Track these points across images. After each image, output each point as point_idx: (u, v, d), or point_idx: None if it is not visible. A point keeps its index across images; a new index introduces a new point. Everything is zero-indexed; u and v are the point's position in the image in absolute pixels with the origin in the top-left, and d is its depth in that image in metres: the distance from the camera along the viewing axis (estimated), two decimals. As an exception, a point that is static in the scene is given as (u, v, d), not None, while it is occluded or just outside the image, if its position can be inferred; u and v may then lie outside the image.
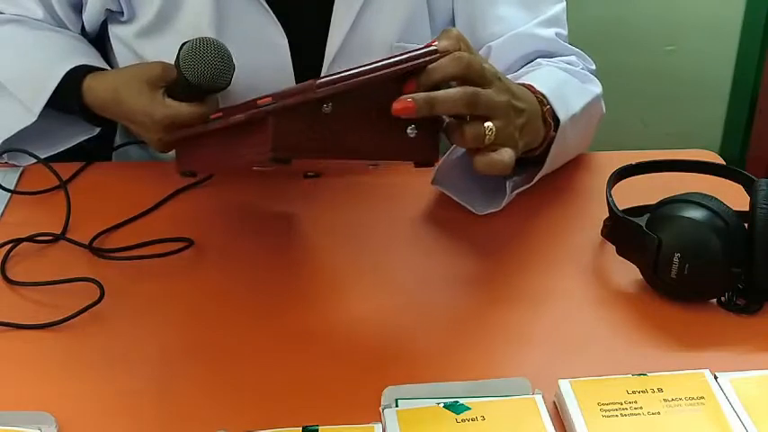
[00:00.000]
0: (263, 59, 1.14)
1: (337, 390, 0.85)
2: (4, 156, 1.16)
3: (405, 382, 0.83)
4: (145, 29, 1.16)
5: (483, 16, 1.18)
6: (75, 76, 1.13)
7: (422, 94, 0.85)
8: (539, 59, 1.17)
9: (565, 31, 1.21)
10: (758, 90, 2.17)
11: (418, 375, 0.85)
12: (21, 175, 1.15)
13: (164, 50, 1.07)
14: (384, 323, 0.93)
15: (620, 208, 0.98)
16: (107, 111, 1.12)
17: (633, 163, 1.04)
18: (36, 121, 1.15)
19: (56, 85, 1.13)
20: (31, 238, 1.02)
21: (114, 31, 1.21)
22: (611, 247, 0.99)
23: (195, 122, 1.01)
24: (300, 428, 0.78)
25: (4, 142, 1.16)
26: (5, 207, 1.09)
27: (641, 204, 1.01)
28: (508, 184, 1.04)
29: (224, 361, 0.88)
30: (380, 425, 0.79)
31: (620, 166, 1.03)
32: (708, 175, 1.04)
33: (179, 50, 1.02)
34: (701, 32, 2.12)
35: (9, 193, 1.11)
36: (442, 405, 0.79)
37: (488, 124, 0.89)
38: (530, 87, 1.01)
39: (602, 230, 1.02)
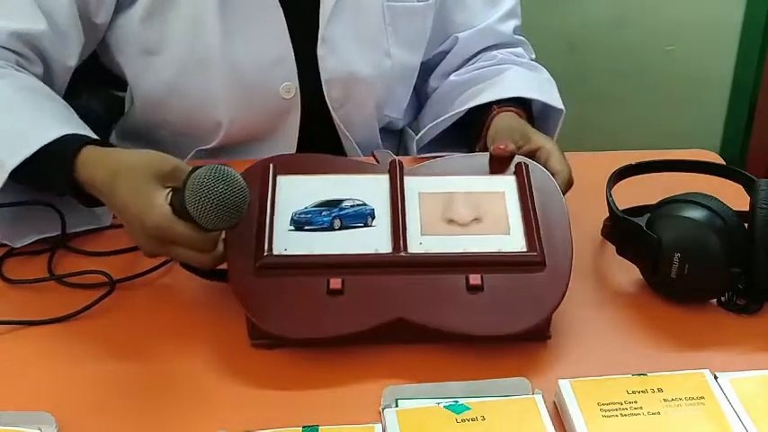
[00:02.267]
0: (260, 29, 1.17)
1: (337, 390, 0.85)
2: None
3: (405, 382, 0.83)
4: (148, 11, 1.15)
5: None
6: (66, 148, 0.96)
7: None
8: (494, 53, 1.29)
9: (519, 22, 1.33)
10: (758, 90, 2.17)
11: (418, 375, 0.85)
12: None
13: (169, 33, 1.08)
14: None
15: (620, 208, 0.97)
16: (97, 193, 0.95)
17: (633, 163, 1.04)
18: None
19: (43, 144, 0.96)
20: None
21: (120, 21, 1.18)
22: (611, 247, 0.99)
23: (183, 243, 0.89)
24: (300, 428, 0.78)
25: None
26: None
27: (641, 204, 1.01)
28: None
29: (224, 361, 0.88)
30: (380, 425, 0.79)
31: (620, 166, 1.03)
32: (708, 175, 1.04)
33: (189, 174, 0.88)
34: (701, 32, 2.12)
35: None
36: (442, 405, 0.79)
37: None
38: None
39: (602, 230, 1.02)
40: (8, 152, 0.97)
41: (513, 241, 0.92)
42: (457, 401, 0.80)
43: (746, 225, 0.92)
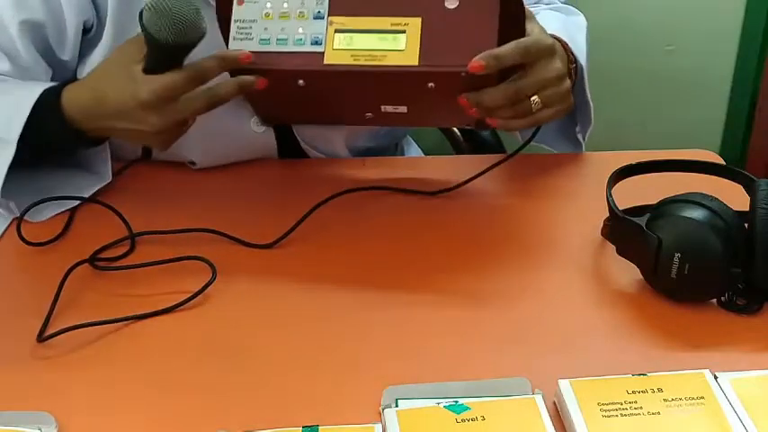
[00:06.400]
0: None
1: (337, 390, 0.85)
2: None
3: (405, 382, 0.83)
4: (112, 49, 1.10)
5: None
6: (50, 100, 1.03)
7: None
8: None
9: None
10: (758, 90, 2.17)
11: (418, 375, 0.85)
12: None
13: None
14: (384, 323, 0.93)
15: (620, 208, 0.97)
16: (93, 118, 1.02)
17: (633, 163, 1.04)
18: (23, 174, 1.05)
19: (32, 103, 1.02)
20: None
21: (90, 59, 1.13)
22: (611, 247, 0.99)
23: (182, 90, 0.96)
24: (300, 428, 0.78)
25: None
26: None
27: (641, 204, 1.01)
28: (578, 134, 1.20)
29: (223, 361, 0.88)
30: (380, 425, 0.79)
31: (620, 166, 1.03)
32: (708, 175, 1.04)
33: (140, 14, 0.95)
34: (701, 32, 2.12)
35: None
36: (442, 405, 0.79)
37: (535, 98, 1.02)
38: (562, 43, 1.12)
39: (602, 230, 1.02)
40: (6, 127, 1.02)
41: None
42: (457, 401, 0.80)
43: (746, 225, 0.92)
